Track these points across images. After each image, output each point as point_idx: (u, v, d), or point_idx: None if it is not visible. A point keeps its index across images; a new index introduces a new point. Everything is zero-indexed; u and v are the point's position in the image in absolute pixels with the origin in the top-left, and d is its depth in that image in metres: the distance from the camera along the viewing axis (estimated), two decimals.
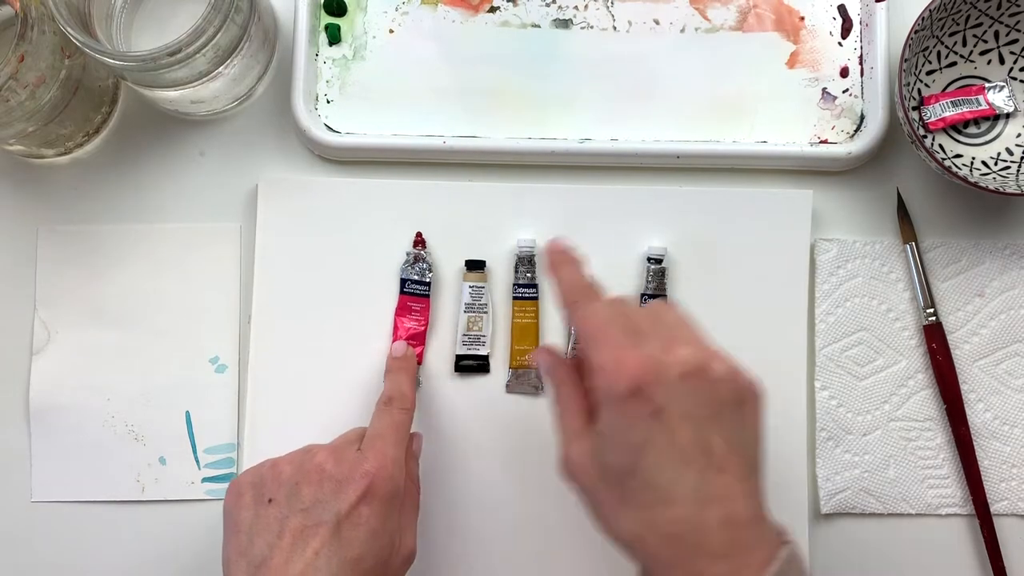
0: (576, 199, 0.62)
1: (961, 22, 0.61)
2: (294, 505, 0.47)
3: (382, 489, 0.48)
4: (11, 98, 0.54)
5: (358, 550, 0.46)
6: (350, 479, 0.48)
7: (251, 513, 0.48)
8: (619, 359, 0.42)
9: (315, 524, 0.47)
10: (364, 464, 0.48)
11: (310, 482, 0.48)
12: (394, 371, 0.56)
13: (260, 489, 0.49)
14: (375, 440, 0.50)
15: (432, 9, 0.63)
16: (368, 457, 0.49)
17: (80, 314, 0.62)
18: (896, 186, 0.62)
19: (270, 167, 0.63)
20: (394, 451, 0.50)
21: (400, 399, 0.54)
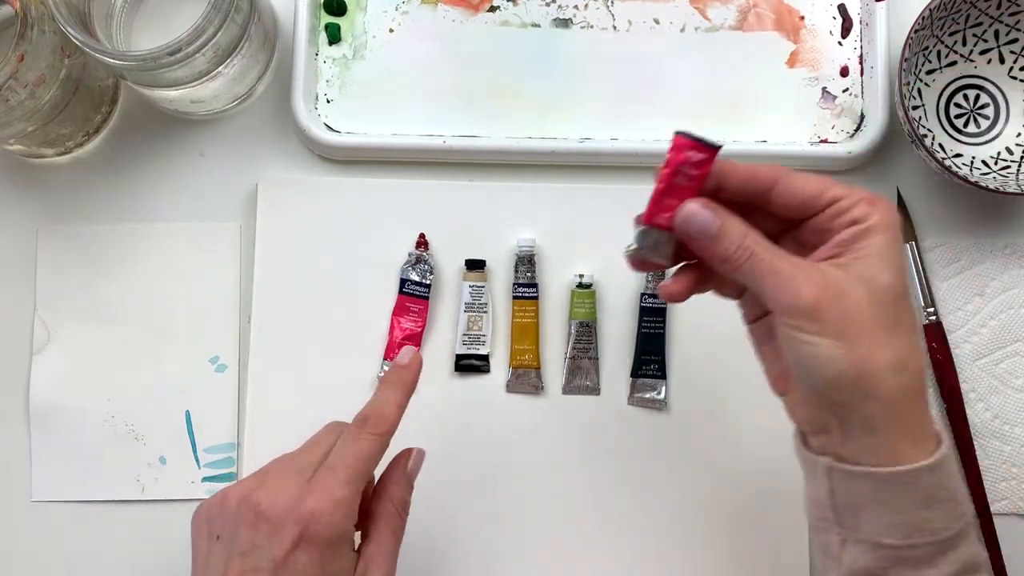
0: (576, 199, 0.62)
1: (961, 21, 0.61)
2: (234, 547, 0.44)
3: (320, 534, 0.43)
4: (11, 98, 0.54)
5: None
6: (284, 522, 0.43)
7: (205, 546, 0.46)
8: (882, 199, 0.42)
9: (253, 569, 0.43)
10: (301, 505, 0.43)
11: (246, 523, 0.44)
12: (386, 384, 0.49)
13: (211, 522, 0.46)
14: (325, 474, 0.45)
15: (432, 9, 0.63)
16: (310, 495, 0.44)
17: (80, 314, 0.62)
18: (896, 186, 0.62)
19: (270, 167, 0.63)
20: (343, 490, 0.44)
21: (376, 421, 0.47)
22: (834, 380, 0.40)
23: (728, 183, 0.43)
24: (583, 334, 0.60)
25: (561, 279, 0.61)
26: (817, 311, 0.40)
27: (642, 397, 0.60)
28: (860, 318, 0.40)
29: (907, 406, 0.41)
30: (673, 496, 0.60)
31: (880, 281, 0.41)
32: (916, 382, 0.41)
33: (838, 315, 0.40)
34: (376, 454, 0.47)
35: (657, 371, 0.60)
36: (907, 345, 0.41)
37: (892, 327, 0.41)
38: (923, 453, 0.41)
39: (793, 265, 0.41)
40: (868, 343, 0.40)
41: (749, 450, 0.60)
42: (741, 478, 0.60)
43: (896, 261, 0.41)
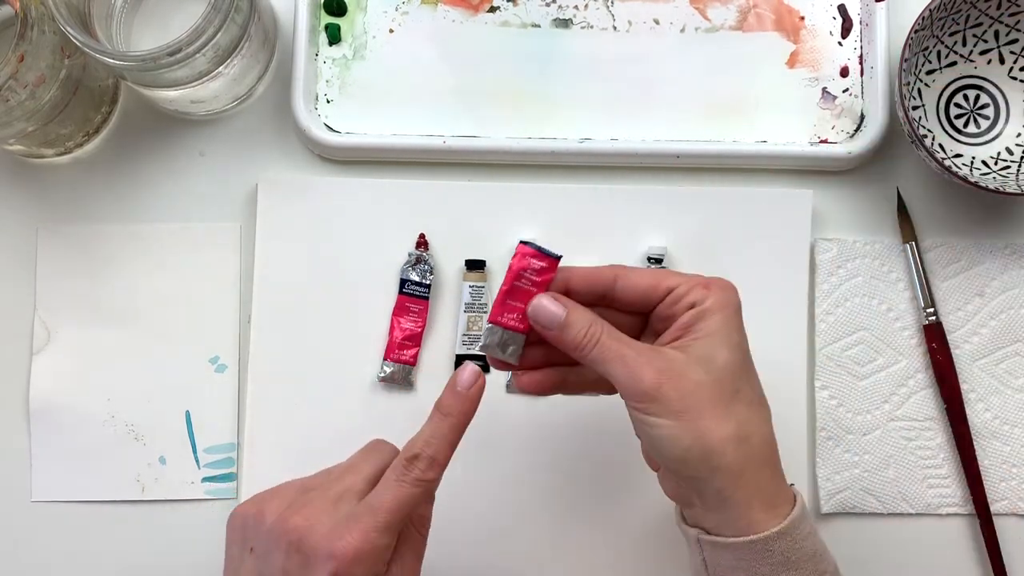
0: (576, 199, 0.62)
1: (961, 22, 0.61)
2: (265, 569, 0.44)
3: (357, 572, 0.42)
4: (11, 98, 0.54)
5: None
6: (318, 558, 0.42)
7: (238, 555, 0.46)
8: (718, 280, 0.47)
9: None
10: (338, 544, 0.42)
11: (280, 548, 0.43)
12: (441, 414, 0.46)
13: (245, 532, 0.45)
14: (365, 515, 0.43)
15: (432, 9, 0.63)
16: (348, 534, 0.42)
17: (80, 314, 0.62)
18: (896, 186, 0.62)
19: (270, 167, 0.63)
20: (382, 538, 0.43)
21: (427, 464, 0.44)
22: (681, 457, 0.43)
23: (573, 285, 0.47)
24: None
25: None
26: (657, 393, 0.43)
27: None
28: (698, 397, 0.43)
29: (755, 475, 0.44)
30: None
31: (717, 359, 0.44)
32: (762, 450, 0.44)
33: (677, 396, 0.43)
34: (420, 498, 0.45)
35: None
36: (749, 416, 0.44)
37: (731, 401, 0.44)
38: (776, 518, 0.44)
39: (636, 351, 0.44)
40: (708, 419, 0.43)
41: None
42: None
43: (733, 338, 0.45)
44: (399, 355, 0.60)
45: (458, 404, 0.46)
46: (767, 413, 0.46)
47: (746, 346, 0.46)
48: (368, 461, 0.46)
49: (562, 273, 0.47)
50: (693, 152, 0.61)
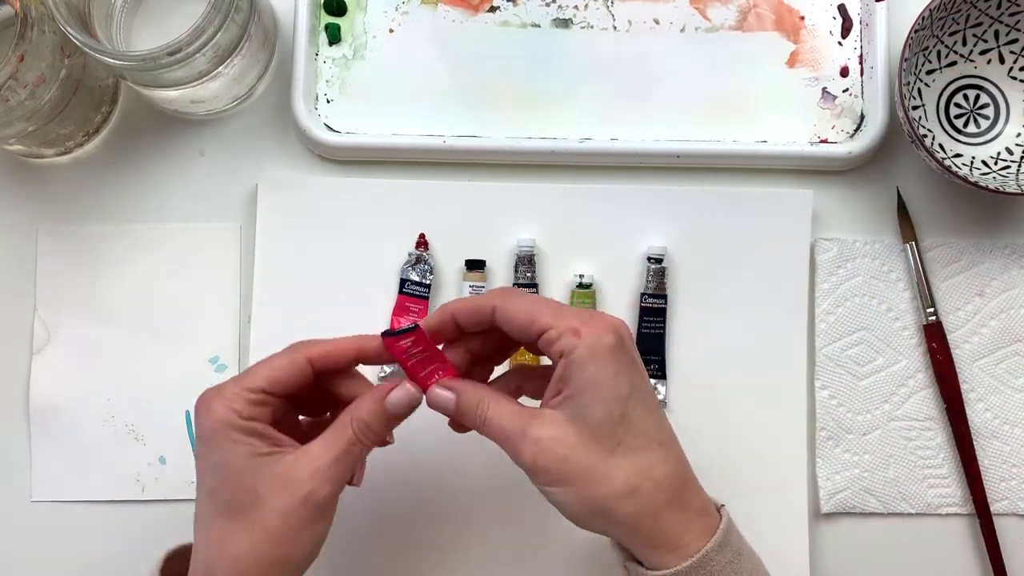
0: (576, 199, 0.62)
1: (961, 21, 0.61)
2: None
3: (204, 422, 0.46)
4: (11, 98, 0.54)
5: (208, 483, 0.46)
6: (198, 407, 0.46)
7: None
8: (591, 318, 0.45)
9: None
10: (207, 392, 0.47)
11: None
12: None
13: None
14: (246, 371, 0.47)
15: (432, 9, 0.63)
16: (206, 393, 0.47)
17: (80, 314, 0.62)
18: (896, 186, 0.62)
19: (270, 167, 0.63)
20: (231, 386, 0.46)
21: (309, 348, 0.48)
22: (576, 517, 0.45)
23: (459, 320, 0.48)
24: None
25: (561, 279, 0.61)
26: (535, 468, 0.44)
27: None
28: (574, 462, 0.44)
29: (652, 522, 0.44)
30: None
31: (589, 418, 0.44)
32: (656, 496, 0.44)
33: (555, 466, 0.44)
34: (282, 367, 0.47)
35: (657, 371, 0.60)
36: (635, 465, 0.44)
37: (611, 455, 0.44)
38: (682, 557, 0.44)
39: (518, 425, 0.45)
40: (588, 483, 0.44)
41: (749, 450, 0.60)
42: (741, 478, 0.60)
43: (605, 390, 0.44)
44: None
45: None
46: (662, 452, 0.45)
47: (624, 388, 0.44)
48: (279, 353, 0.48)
49: (448, 308, 0.48)
50: (693, 152, 0.61)
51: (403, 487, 0.60)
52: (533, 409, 0.46)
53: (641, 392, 0.45)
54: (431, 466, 0.60)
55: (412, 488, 0.60)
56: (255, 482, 0.45)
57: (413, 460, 0.60)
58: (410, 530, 0.60)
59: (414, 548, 0.60)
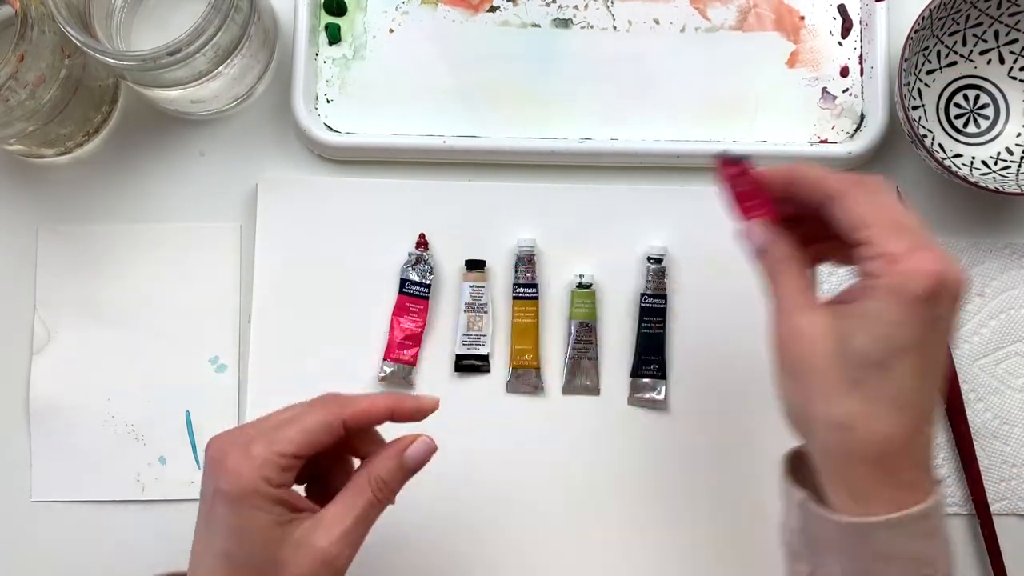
0: (576, 199, 0.62)
1: (961, 22, 0.61)
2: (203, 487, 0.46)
3: (226, 491, 0.44)
4: (11, 98, 0.54)
5: (222, 546, 0.44)
6: (211, 469, 0.45)
7: None
8: (922, 257, 0.40)
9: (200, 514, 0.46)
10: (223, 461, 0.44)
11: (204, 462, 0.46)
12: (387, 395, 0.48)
13: None
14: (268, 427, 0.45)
15: (432, 9, 0.63)
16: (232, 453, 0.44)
17: (80, 314, 0.62)
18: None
19: (270, 167, 0.63)
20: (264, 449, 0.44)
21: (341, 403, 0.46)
22: (785, 413, 0.43)
23: (795, 184, 0.45)
24: (583, 334, 0.60)
25: (561, 279, 0.61)
26: (778, 346, 0.43)
27: (642, 397, 0.60)
28: (812, 367, 0.42)
29: (845, 465, 0.41)
30: (672, 496, 0.60)
31: (851, 343, 0.41)
32: (864, 447, 0.41)
33: (793, 357, 0.42)
34: (317, 431, 0.45)
35: (657, 371, 0.60)
36: (861, 411, 0.41)
37: (847, 388, 0.41)
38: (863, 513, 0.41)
39: (792, 303, 0.43)
40: (811, 393, 0.42)
41: (749, 450, 0.60)
42: (741, 478, 0.60)
43: (880, 331, 0.40)
44: (399, 355, 0.60)
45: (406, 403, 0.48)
46: (897, 415, 0.41)
47: (901, 340, 0.40)
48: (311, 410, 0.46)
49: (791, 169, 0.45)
50: (693, 152, 0.61)
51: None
52: (814, 298, 0.44)
53: (920, 354, 0.40)
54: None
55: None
56: (277, 550, 0.44)
57: None
58: (418, 533, 0.60)
59: (420, 553, 0.60)
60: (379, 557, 0.60)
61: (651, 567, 0.59)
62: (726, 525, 0.60)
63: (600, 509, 0.60)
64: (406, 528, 0.60)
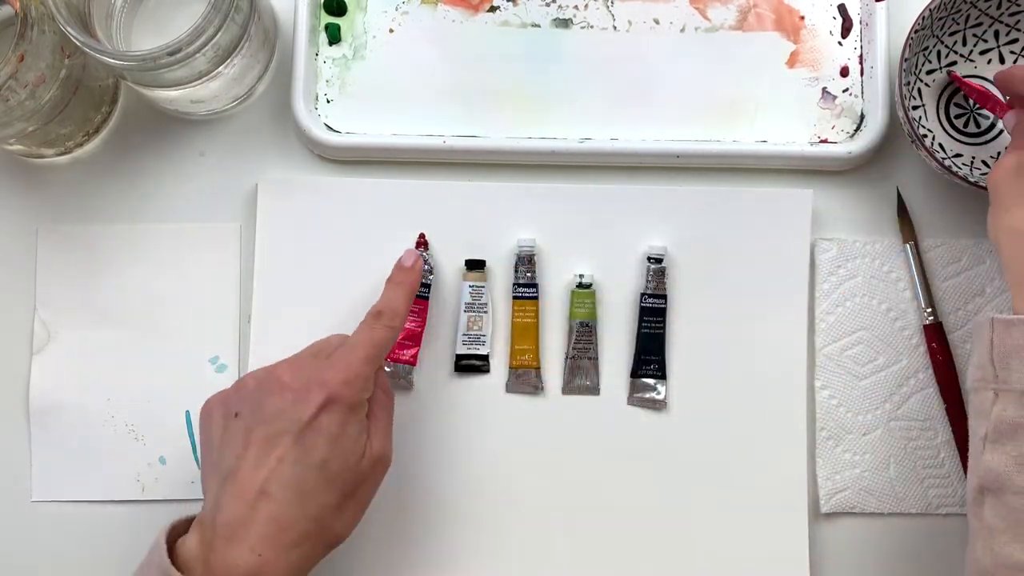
0: (576, 199, 0.62)
1: (961, 22, 0.61)
2: (258, 416, 0.49)
3: (342, 399, 0.49)
4: (11, 98, 0.54)
5: (321, 455, 0.48)
6: (310, 388, 0.49)
7: (220, 428, 0.50)
8: None
9: (278, 433, 0.48)
10: (325, 374, 0.49)
11: (272, 392, 0.49)
12: (395, 283, 0.56)
13: (227, 405, 0.51)
14: (346, 352, 0.51)
15: (432, 9, 0.63)
16: (332, 367, 0.50)
17: (80, 314, 0.62)
18: (896, 186, 0.62)
19: (270, 167, 0.63)
20: (361, 366, 0.50)
21: (390, 315, 0.53)
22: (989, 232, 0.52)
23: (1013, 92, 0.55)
24: (583, 334, 0.60)
25: (561, 279, 0.61)
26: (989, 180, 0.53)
27: (642, 397, 0.60)
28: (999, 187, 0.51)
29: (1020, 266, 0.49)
30: (673, 496, 0.60)
31: None
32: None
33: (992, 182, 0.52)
34: (389, 343, 0.53)
35: (657, 371, 0.60)
36: None
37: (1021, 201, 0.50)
38: None
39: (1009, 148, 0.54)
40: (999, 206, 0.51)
41: (749, 450, 0.60)
42: (741, 478, 0.60)
43: None
44: (399, 355, 0.60)
45: (405, 275, 0.56)
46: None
47: None
48: (335, 338, 0.54)
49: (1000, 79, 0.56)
50: (693, 152, 0.61)
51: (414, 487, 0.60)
52: None
53: None
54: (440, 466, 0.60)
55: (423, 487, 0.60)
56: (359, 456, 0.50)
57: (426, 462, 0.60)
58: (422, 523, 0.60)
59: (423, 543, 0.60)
60: (379, 556, 0.60)
61: (651, 567, 0.59)
62: (726, 525, 0.60)
63: (600, 509, 0.60)
64: (406, 527, 0.60)
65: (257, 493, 0.47)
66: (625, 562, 0.60)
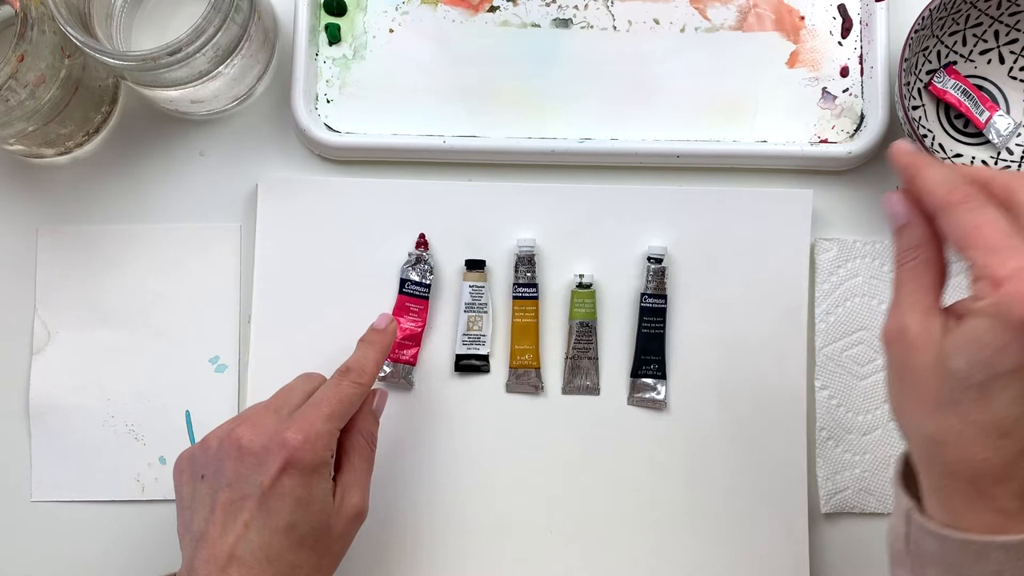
0: (576, 199, 0.62)
1: (961, 22, 0.61)
2: (221, 480, 0.48)
3: (303, 460, 0.48)
4: (11, 98, 0.54)
5: (286, 519, 0.47)
6: (268, 451, 0.48)
7: (189, 489, 0.50)
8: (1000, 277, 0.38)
9: (241, 497, 0.48)
10: (284, 434, 0.48)
11: (231, 457, 0.48)
12: (367, 342, 0.55)
13: (194, 466, 0.50)
14: (308, 409, 0.50)
15: (432, 9, 0.63)
16: (292, 426, 0.49)
17: (80, 314, 0.62)
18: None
19: (270, 167, 0.63)
20: (324, 424, 0.49)
21: (358, 372, 0.53)
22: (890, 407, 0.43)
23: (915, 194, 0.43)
24: (583, 334, 0.60)
25: (561, 279, 0.61)
26: (884, 336, 0.42)
27: (642, 397, 0.60)
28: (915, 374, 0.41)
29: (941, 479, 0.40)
30: (673, 496, 0.60)
31: (952, 363, 0.39)
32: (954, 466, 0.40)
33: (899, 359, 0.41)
34: (356, 400, 0.52)
35: (657, 371, 0.60)
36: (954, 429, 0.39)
37: (944, 406, 0.40)
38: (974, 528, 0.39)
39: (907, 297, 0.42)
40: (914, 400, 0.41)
41: (749, 450, 0.60)
42: (741, 478, 0.60)
43: (980, 356, 0.38)
44: (399, 355, 0.60)
45: (378, 336, 0.56)
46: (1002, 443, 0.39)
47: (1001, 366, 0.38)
48: (302, 384, 0.53)
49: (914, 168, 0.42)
50: (693, 152, 0.61)
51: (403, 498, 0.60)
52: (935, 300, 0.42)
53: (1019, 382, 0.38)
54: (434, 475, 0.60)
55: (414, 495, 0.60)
56: (328, 514, 0.49)
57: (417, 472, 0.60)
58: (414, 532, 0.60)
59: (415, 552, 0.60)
60: (379, 556, 0.60)
61: (651, 566, 0.59)
62: (726, 525, 0.60)
63: (600, 509, 0.60)
64: (405, 527, 0.60)
65: (227, 558, 0.47)
66: (625, 562, 0.60)
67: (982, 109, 0.60)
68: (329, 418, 0.50)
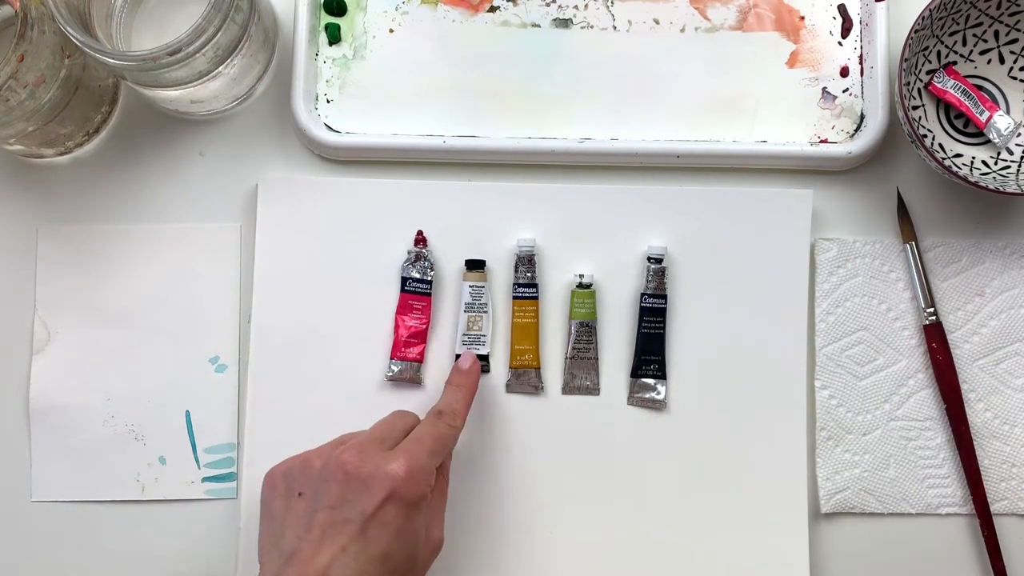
0: (576, 199, 0.62)
1: (961, 22, 0.61)
2: (322, 500, 0.48)
3: (407, 493, 0.48)
4: (11, 98, 0.54)
5: (383, 548, 0.48)
6: (374, 479, 0.48)
7: (283, 504, 0.50)
8: None
9: (343, 521, 0.48)
10: (390, 465, 0.49)
11: (336, 479, 0.49)
12: (454, 386, 0.56)
13: (291, 481, 0.51)
14: (412, 444, 0.51)
15: (432, 9, 0.63)
16: (397, 460, 0.49)
17: (80, 314, 0.62)
18: (896, 186, 0.62)
19: (270, 167, 0.63)
20: (427, 459, 0.50)
21: (451, 415, 0.54)
22: None
23: None
24: (583, 334, 0.60)
25: (561, 279, 0.61)
26: None
27: (642, 397, 0.60)
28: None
29: None
30: (673, 496, 0.60)
31: None
32: None
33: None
34: (452, 441, 0.53)
35: (657, 371, 0.60)
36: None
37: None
38: None
39: None
40: None
41: (749, 450, 0.60)
42: (741, 478, 0.60)
43: None
44: (405, 353, 0.60)
45: (464, 378, 0.57)
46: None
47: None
48: (398, 420, 0.54)
49: None
50: (693, 152, 0.61)
51: None
52: None
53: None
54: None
55: None
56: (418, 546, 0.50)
57: None
58: None
59: None
60: None
61: (651, 566, 0.59)
62: (726, 525, 0.60)
63: (600, 509, 0.60)
64: None
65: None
66: (625, 562, 0.60)
67: (982, 109, 0.61)
68: (431, 454, 0.51)
